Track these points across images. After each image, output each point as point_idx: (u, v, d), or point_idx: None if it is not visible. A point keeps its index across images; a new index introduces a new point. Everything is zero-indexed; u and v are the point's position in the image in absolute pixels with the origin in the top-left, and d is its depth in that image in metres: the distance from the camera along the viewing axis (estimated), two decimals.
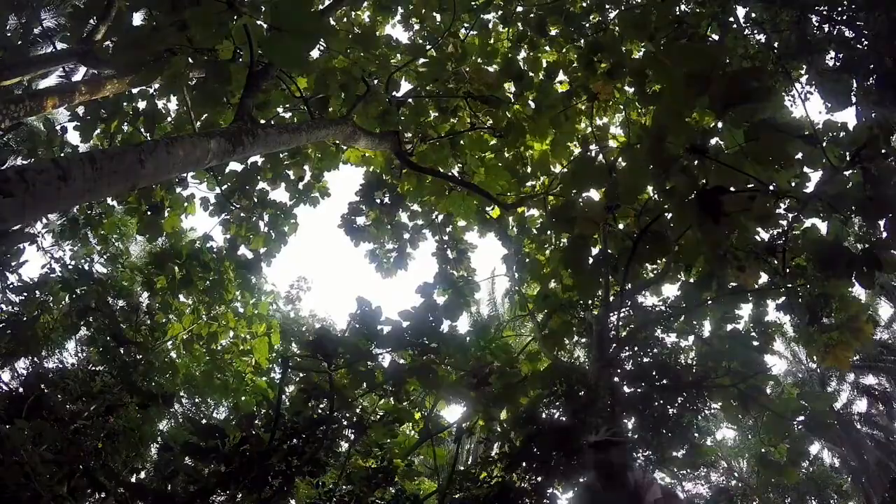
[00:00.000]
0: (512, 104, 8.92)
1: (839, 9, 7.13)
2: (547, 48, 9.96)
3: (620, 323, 7.79)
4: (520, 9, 9.76)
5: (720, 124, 5.21)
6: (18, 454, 4.48)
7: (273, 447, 5.67)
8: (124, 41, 4.74)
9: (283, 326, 13.43)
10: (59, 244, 10.31)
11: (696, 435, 7.93)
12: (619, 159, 8.05)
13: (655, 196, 6.06)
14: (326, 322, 18.73)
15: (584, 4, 9.42)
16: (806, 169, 5.45)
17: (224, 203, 9.60)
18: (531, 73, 9.08)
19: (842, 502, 19.39)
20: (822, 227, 6.35)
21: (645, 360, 7.70)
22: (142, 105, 8.81)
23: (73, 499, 5.26)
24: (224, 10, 4.19)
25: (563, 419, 7.19)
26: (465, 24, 9.85)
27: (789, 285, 6.55)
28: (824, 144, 4.93)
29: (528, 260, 9.87)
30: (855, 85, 6.76)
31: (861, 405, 24.04)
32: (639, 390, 7.38)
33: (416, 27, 10.22)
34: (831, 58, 7.22)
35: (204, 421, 11.99)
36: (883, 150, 4.67)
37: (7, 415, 5.46)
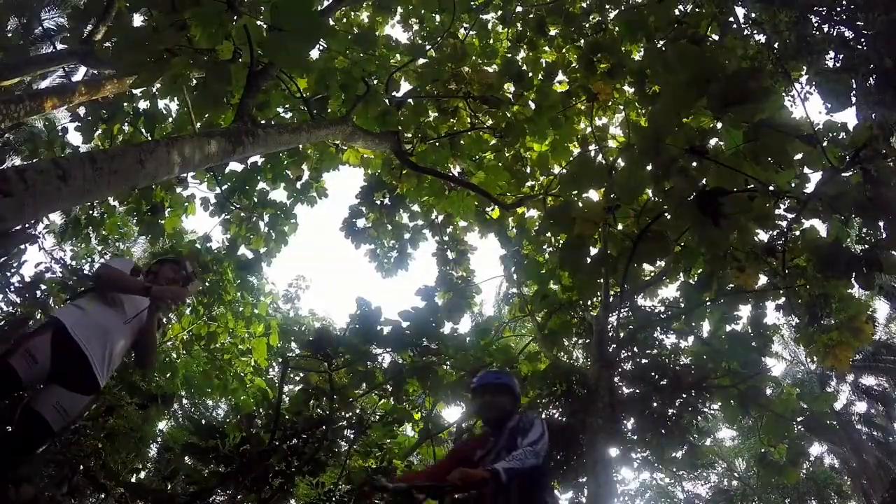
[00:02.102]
0: (511, 104, 8.92)
1: (839, 9, 7.12)
2: (546, 48, 9.96)
3: (620, 323, 7.80)
4: (519, 9, 9.76)
5: (719, 125, 5.21)
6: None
7: (273, 447, 5.67)
8: (125, 42, 4.74)
9: (283, 326, 13.45)
10: (61, 244, 10.32)
11: (696, 435, 7.95)
12: (619, 160, 8.05)
13: (655, 197, 6.05)
14: (326, 322, 18.75)
15: (584, 5, 9.42)
16: (806, 169, 5.45)
17: (224, 203, 9.60)
18: (531, 74, 9.08)
19: (842, 502, 19.39)
20: (822, 227, 6.35)
21: (644, 360, 7.72)
22: (143, 105, 8.82)
23: (73, 499, 5.27)
24: (224, 11, 4.19)
25: (563, 419, 7.20)
26: (465, 25, 9.85)
27: (789, 286, 6.55)
28: (824, 145, 4.93)
29: (526, 261, 9.88)
30: (855, 85, 6.75)
31: (861, 405, 24.03)
32: (638, 391, 7.39)
33: (416, 27, 10.22)
34: (831, 58, 7.21)
35: (204, 421, 11.99)
36: (883, 151, 4.67)
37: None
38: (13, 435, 3.20)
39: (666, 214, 5.61)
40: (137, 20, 7.77)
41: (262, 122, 7.49)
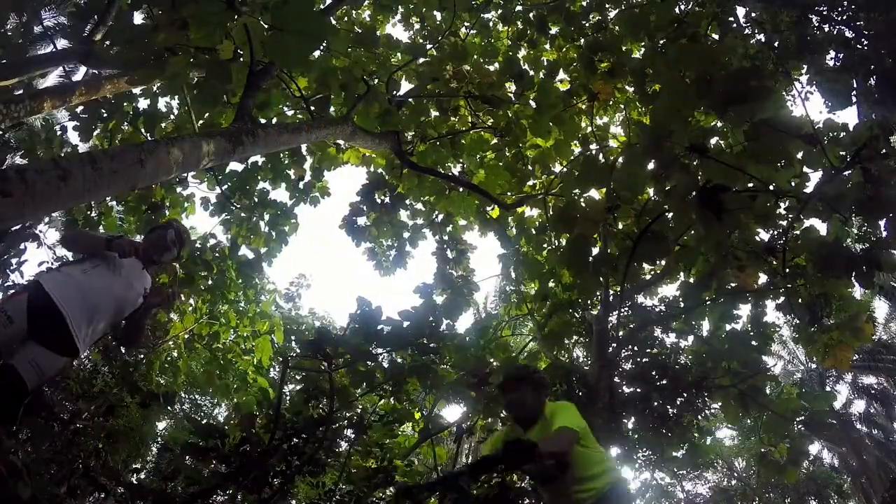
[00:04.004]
0: (512, 103, 8.92)
1: (839, 9, 7.12)
2: (547, 47, 9.96)
3: (620, 323, 7.80)
4: (519, 7, 9.76)
5: (720, 124, 5.21)
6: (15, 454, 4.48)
7: (273, 447, 5.67)
8: (125, 40, 4.74)
9: (284, 325, 13.45)
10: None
11: (696, 435, 7.94)
12: (620, 159, 8.05)
13: (655, 197, 6.05)
14: (326, 320, 18.75)
15: (584, 3, 9.42)
16: (806, 169, 5.45)
17: (224, 203, 9.59)
18: (532, 73, 9.07)
19: (842, 502, 19.40)
20: (822, 227, 6.35)
21: (644, 360, 7.71)
22: (143, 105, 8.81)
23: (72, 499, 5.27)
24: (224, 10, 4.19)
25: None
26: (466, 23, 9.85)
27: (789, 285, 6.55)
28: (825, 144, 4.93)
29: (526, 260, 9.87)
30: (855, 85, 6.75)
31: (860, 405, 24.05)
32: (638, 390, 7.39)
33: (417, 26, 10.22)
34: (831, 58, 7.22)
35: (204, 421, 11.98)
36: (883, 150, 4.67)
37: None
38: None
39: (666, 214, 5.61)
40: (138, 18, 7.77)
41: (263, 121, 7.49)
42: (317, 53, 7.97)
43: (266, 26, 4.25)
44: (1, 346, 3.10)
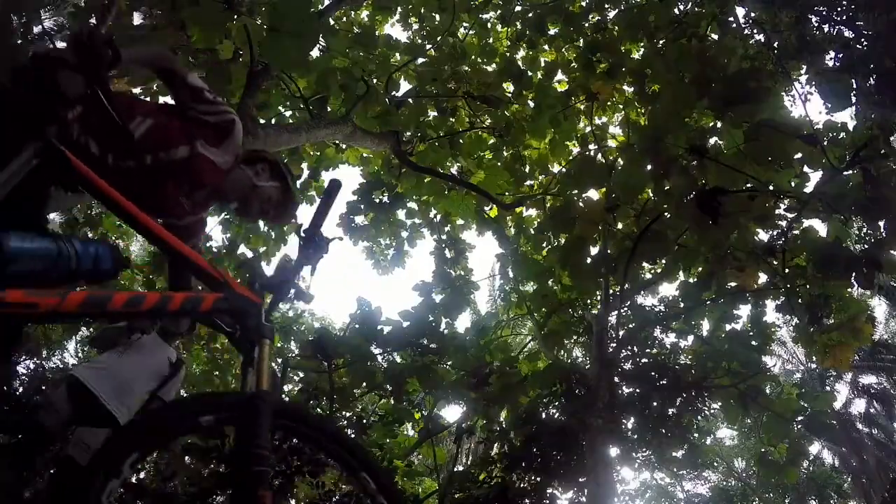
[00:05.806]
0: (511, 104, 8.92)
1: (839, 9, 7.11)
2: (546, 47, 9.95)
3: (620, 323, 7.80)
4: (518, 8, 9.75)
5: (719, 124, 5.21)
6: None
7: (273, 447, 5.66)
8: (124, 40, 4.74)
9: (282, 325, 13.43)
10: None
11: (696, 435, 7.94)
12: (619, 159, 8.05)
13: (655, 197, 6.05)
14: (325, 321, 18.72)
15: (584, 4, 9.40)
16: (806, 169, 5.45)
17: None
18: (530, 73, 9.07)
19: (842, 502, 19.38)
20: (822, 227, 6.34)
21: (644, 360, 7.72)
22: None
23: None
24: (223, 11, 4.19)
25: (563, 419, 7.20)
26: (465, 24, 9.84)
27: (789, 286, 6.54)
28: (824, 144, 4.93)
29: (525, 260, 9.86)
30: (855, 85, 6.74)
31: (860, 405, 24.02)
32: (638, 390, 7.39)
33: (416, 26, 10.21)
34: (831, 58, 7.20)
35: None
36: (883, 151, 4.67)
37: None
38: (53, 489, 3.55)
39: (666, 214, 5.61)
40: (138, 19, 7.76)
41: (262, 121, 7.48)
42: (316, 53, 7.96)
43: (264, 27, 4.25)
44: (55, 434, 3.45)
